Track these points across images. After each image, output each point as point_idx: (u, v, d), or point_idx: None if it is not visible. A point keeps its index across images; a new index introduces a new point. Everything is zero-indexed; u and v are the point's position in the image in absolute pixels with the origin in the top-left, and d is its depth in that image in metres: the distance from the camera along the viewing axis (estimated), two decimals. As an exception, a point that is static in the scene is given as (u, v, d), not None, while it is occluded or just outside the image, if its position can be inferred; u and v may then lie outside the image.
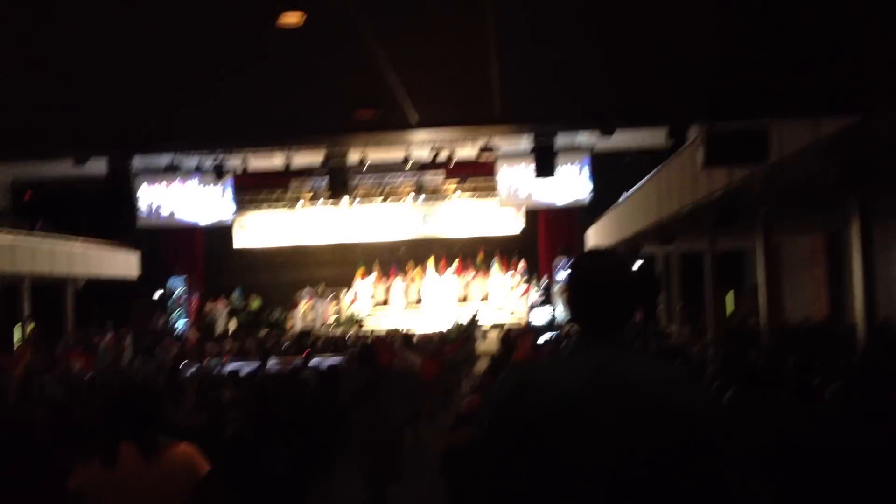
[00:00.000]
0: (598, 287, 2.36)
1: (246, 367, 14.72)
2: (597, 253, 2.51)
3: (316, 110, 8.16)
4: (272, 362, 16.25)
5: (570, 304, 2.43)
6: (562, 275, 27.75)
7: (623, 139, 21.07)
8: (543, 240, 28.87)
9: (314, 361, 15.21)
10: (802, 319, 20.42)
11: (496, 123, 8.76)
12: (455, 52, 6.47)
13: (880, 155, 9.45)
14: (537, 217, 28.49)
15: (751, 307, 22.01)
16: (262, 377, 11.86)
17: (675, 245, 21.88)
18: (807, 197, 13.25)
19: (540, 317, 26.57)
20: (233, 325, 27.87)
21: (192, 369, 15.08)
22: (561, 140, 12.15)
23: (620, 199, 22.20)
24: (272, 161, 22.61)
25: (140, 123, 8.51)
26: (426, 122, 8.55)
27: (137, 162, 21.13)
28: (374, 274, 28.44)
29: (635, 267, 23.89)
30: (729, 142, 8.47)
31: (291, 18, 5.36)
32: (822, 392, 6.86)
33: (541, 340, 7.16)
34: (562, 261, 27.09)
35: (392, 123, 8.65)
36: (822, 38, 6.25)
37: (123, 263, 26.40)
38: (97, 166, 10.62)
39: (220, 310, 28.14)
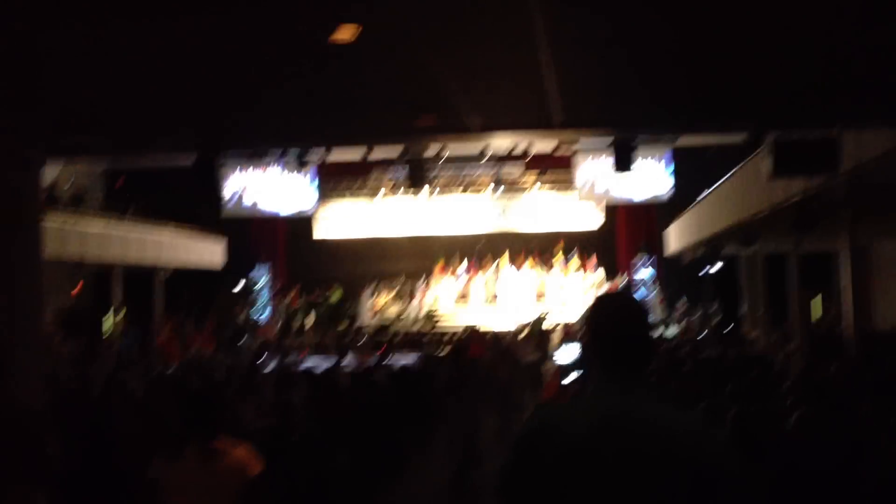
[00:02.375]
0: (619, 333, 2.46)
1: (322, 364, 14.93)
2: (617, 297, 2.68)
3: (380, 115, 8.39)
4: (349, 359, 16.44)
5: (590, 347, 2.52)
6: (642, 273, 27.49)
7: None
8: (623, 236, 28.56)
9: (390, 360, 15.33)
10: (893, 327, 19.82)
11: (555, 128, 8.80)
12: (512, 58, 6.54)
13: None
14: (616, 212, 28.19)
15: (839, 313, 21.43)
16: (334, 377, 12.06)
17: (759, 246, 21.42)
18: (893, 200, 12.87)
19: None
20: (311, 319, 28.23)
21: (271, 365, 15.36)
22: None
23: (699, 198, 21.82)
24: (353, 152, 22.79)
25: (225, 123, 8.87)
26: (488, 127, 8.72)
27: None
28: (452, 268, 28.56)
29: (715, 269, 23.49)
30: (797, 151, 8.28)
31: (345, 34, 5.57)
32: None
33: (567, 380, 7.30)
34: (642, 259, 26.79)
35: (453, 128, 8.85)
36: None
37: (210, 252, 26.97)
38: (187, 156, 10.99)
39: (301, 302, 28.59)
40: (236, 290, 28.76)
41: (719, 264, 23.92)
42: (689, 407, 7.64)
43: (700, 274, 24.93)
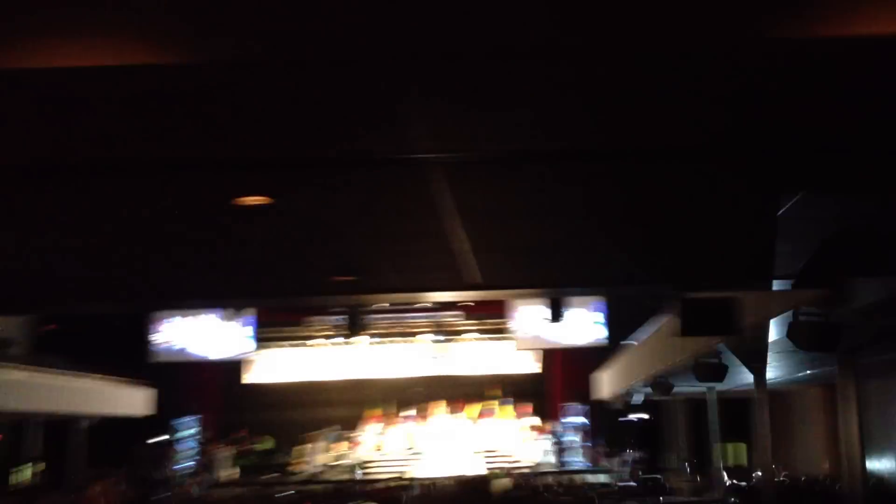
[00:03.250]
0: None
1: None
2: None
3: (296, 275, 8.75)
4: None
5: None
6: (574, 418, 27.71)
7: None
8: (557, 381, 28.89)
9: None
10: (804, 473, 20.22)
11: (470, 289, 9.22)
12: (422, 226, 6.95)
13: (856, 320, 9.76)
14: (552, 357, 28.61)
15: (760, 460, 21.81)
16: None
17: (682, 393, 21.93)
18: (794, 356, 13.49)
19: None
20: (236, 471, 27.34)
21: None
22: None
23: (624, 347, 22.40)
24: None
25: (149, 284, 9.13)
26: (406, 288, 9.11)
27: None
28: (388, 415, 28.41)
29: (639, 417, 23.84)
30: (704, 311, 8.76)
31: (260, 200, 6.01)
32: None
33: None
34: (573, 406, 27.08)
35: (371, 287, 9.24)
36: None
37: (137, 400, 26.41)
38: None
39: (226, 452, 27.92)
40: (159, 440, 27.91)
41: (639, 414, 24.27)
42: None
43: (625, 420, 25.26)
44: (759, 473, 17.76)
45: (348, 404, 29.20)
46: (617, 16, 3.55)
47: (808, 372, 17.92)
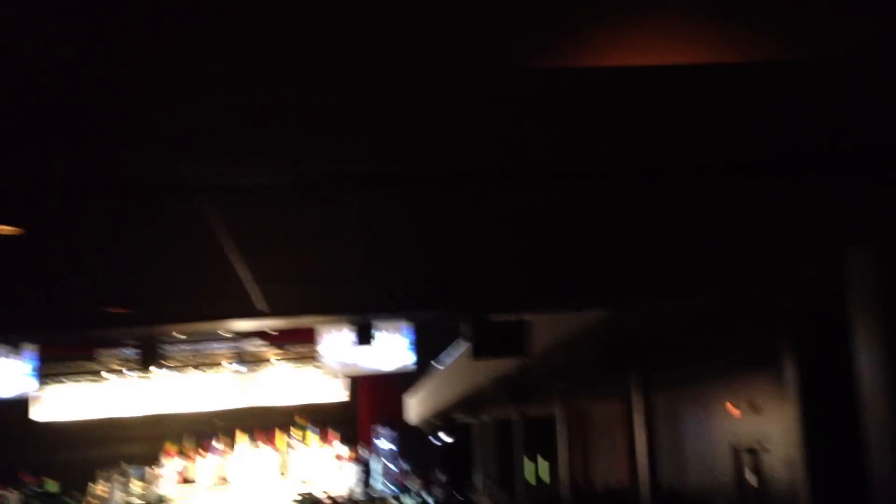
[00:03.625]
0: None
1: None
2: None
3: (71, 308, 8.18)
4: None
5: None
6: (382, 444, 27.57)
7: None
8: (365, 407, 28.63)
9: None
10: (603, 486, 20.98)
11: (257, 317, 8.91)
12: (196, 253, 6.61)
13: (639, 341, 10.14)
14: (359, 384, 28.31)
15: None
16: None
17: (490, 413, 22.27)
18: (589, 373, 13.92)
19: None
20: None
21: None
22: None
23: (432, 370, 22.52)
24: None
25: None
26: (188, 318, 8.72)
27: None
28: (188, 449, 27.24)
29: (448, 440, 24.04)
30: (493, 335, 8.85)
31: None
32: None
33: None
34: (381, 431, 26.95)
35: (150, 319, 8.78)
36: (582, 246, 6.78)
37: None
38: None
39: (10, 498, 25.92)
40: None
41: (443, 434, 24.48)
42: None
43: (435, 443, 25.40)
44: (561, 486, 18.27)
45: (147, 440, 27.71)
46: (377, 41, 3.38)
47: (606, 389, 18.59)
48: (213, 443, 27.35)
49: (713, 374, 16.81)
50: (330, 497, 24.56)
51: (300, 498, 23.98)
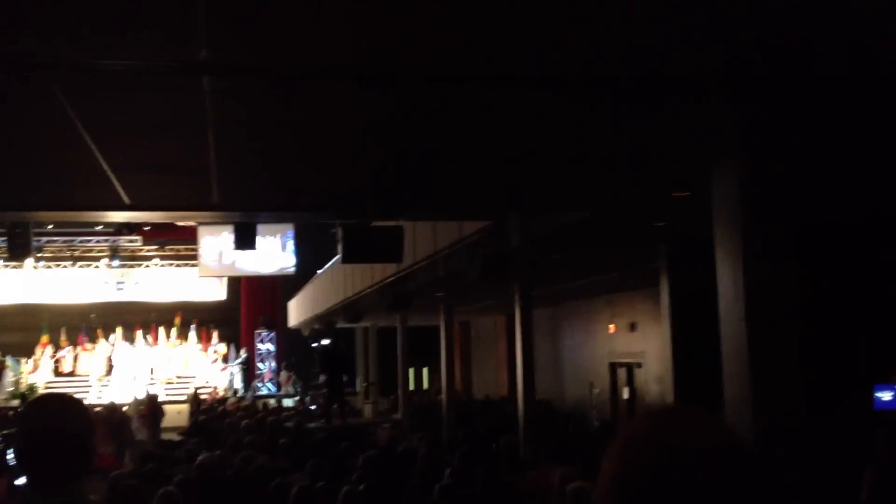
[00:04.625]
0: (42, 437, 2.30)
1: None
2: (42, 399, 2.50)
3: None
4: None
5: (17, 452, 2.39)
6: (262, 346, 27.44)
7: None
8: (245, 309, 28.35)
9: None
10: (485, 397, 21.39)
11: (119, 210, 8.49)
12: (56, 139, 6.20)
13: (515, 253, 10.11)
14: (240, 285, 27.96)
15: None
16: None
17: (373, 320, 22.26)
18: (470, 285, 13.92)
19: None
20: None
21: None
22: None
23: (316, 275, 22.32)
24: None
25: None
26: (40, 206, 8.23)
27: None
28: (60, 341, 26.58)
29: (326, 342, 24.04)
30: (365, 240, 8.64)
31: None
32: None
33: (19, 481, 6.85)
34: (261, 331, 26.76)
35: (10, 205, 8.29)
36: (461, 153, 6.60)
37: None
38: None
39: None
40: None
41: (325, 339, 24.50)
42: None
43: (313, 346, 25.41)
44: (441, 395, 18.48)
45: (22, 330, 26.94)
46: None
47: (489, 302, 18.76)
48: (89, 336, 26.76)
49: (594, 292, 17.14)
50: (211, 395, 24.41)
51: (184, 397, 23.73)
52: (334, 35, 4.22)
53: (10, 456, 11.75)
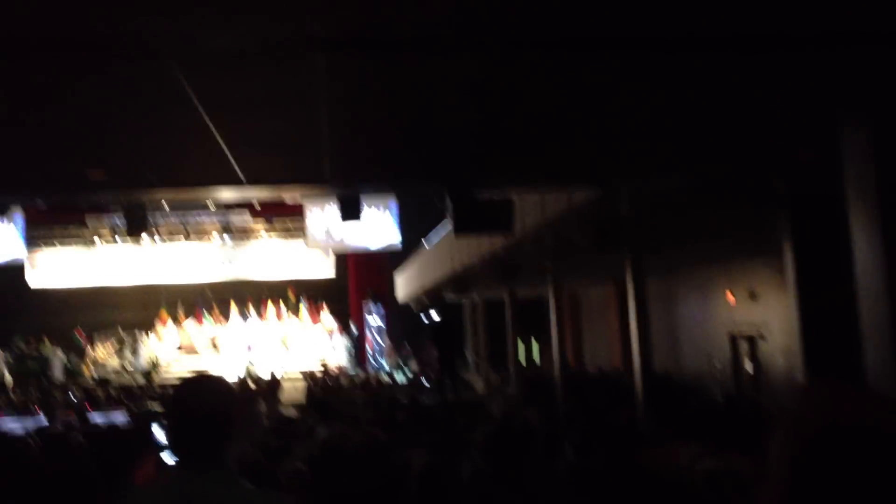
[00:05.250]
0: (190, 415, 2.41)
1: (23, 426, 13.64)
2: (194, 380, 2.57)
3: (50, 170, 7.95)
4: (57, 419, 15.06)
5: (167, 429, 2.53)
6: (372, 320, 27.75)
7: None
8: (354, 284, 28.70)
9: (96, 418, 14.26)
10: (596, 369, 21.08)
11: (244, 185, 8.61)
12: (181, 120, 6.32)
13: (628, 221, 9.87)
14: (347, 260, 28.31)
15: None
16: (26, 440, 10.88)
17: (477, 294, 22.23)
18: (580, 255, 13.68)
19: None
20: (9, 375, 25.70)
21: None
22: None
23: (423, 248, 22.38)
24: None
25: None
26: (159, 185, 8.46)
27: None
28: (177, 318, 27.51)
29: (436, 316, 24.10)
30: (475, 212, 8.55)
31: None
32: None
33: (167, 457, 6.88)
34: (369, 306, 27.05)
35: (131, 183, 8.56)
36: (562, 122, 6.46)
37: None
38: None
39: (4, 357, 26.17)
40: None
41: (434, 313, 24.55)
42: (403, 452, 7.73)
43: (425, 321, 25.52)
44: (553, 368, 18.31)
45: (141, 307, 28.02)
46: None
47: (599, 272, 18.45)
48: (205, 312, 27.59)
49: (710, 260, 16.62)
50: (326, 371, 24.86)
51: (296, 373, 24.20)
52: (440, 3, 4.13)
53: (157, 433, 12.28)
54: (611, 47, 4.69)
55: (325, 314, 27.88)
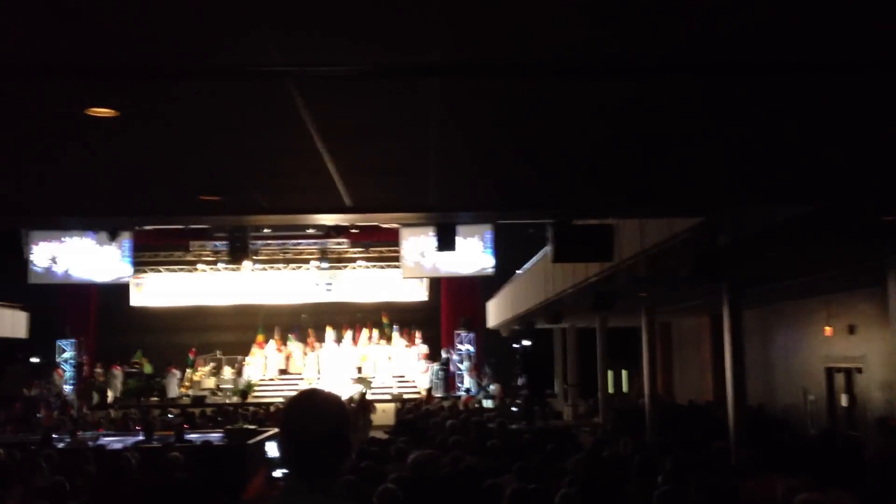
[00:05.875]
0: (305, 432, 2.42)
1: (123, 441, 14.17)
2: (308, 396, 2.58)
3: (162, 194, 8.22)
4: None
5: (281, 445, 2.47)
6: (463, 346, 27.88)
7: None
8: (446, 310, 28.91)
9: (193, 436, 14.68)
10: (689, 401, 20.76)
11: (346, 213, 8.83)
12: (296, 145, 6.53)
13: (729, 251, 9.77)
14: (440, 285, 28.56)
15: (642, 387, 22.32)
16: (126, 455, 11.34)
17: (571, 322, 22.15)
18: (677, 284, 13.59)
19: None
20: (112, 393, 26.70)
21: (63, 443, 14.41)
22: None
23: (514, 276, 22.44)
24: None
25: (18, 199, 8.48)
26: (279, 209, 8.70)
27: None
28: (274, 340, 28.11)
29: (526, 343, 24.09)
30: (575, 239, 8.59)
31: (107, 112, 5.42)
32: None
33: (277, 473, 6.91)
34: (462, 333, 27.16)
35: (240, 208, 8.81)
36: (670, 148, 6.49)
37: (10, 323, 25.38)
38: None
39: (115, 374, 27.22)
40: (32, 361, 27.02)
41: (526, 341, 24.52)
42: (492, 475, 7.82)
43: (515, 346, 25.52)
44: (643, 398, 18.14)
45: (238, 329, 28.77)
46: None
47: (693, 302, 18.24)
48: (301, 335, 28.13)
49: (808, 291, 16.30)
50: (420, 396, 25.03)
51: (388, 396, 24.45)
52: (563, 30, 4.23)
53: (269, 448, 12.71)
54: (733, 71, 4.71)
55: (417, 339, 28.15)
